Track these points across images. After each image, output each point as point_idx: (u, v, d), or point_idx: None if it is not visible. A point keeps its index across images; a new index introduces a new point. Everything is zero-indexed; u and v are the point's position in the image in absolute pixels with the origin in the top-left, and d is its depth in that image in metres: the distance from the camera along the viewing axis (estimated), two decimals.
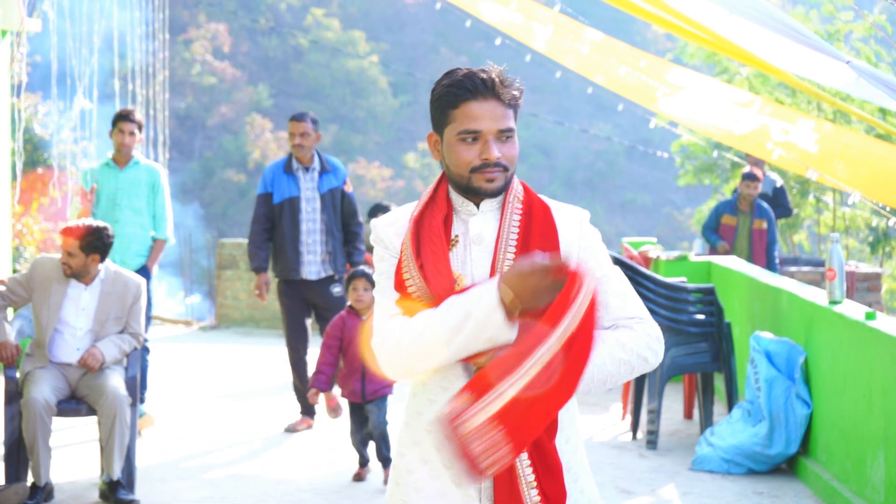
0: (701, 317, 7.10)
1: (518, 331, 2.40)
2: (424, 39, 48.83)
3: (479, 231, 2.54)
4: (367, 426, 6.13)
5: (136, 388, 6.00)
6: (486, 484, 2.47)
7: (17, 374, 5.85)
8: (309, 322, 7.68)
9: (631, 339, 2.51)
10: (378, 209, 8.68)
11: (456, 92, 2.50)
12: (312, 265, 7.46)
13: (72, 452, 6.85)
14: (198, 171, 41.53)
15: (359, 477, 6.32)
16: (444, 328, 2.41)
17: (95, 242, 5.90)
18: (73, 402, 5.89)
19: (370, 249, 8.68)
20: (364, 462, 6.34)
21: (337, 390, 6.28)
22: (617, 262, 7.34)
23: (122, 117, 7.44)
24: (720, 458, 6.52)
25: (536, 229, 2.54)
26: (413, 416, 2.57)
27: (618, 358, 2.49)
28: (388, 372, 2.50)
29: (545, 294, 2.37)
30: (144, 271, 7.39)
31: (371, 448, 6.32)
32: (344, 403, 6.52)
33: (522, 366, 2.32)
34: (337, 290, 7.50)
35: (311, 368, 7.57)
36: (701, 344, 7.08)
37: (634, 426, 7.39)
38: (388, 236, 2.56)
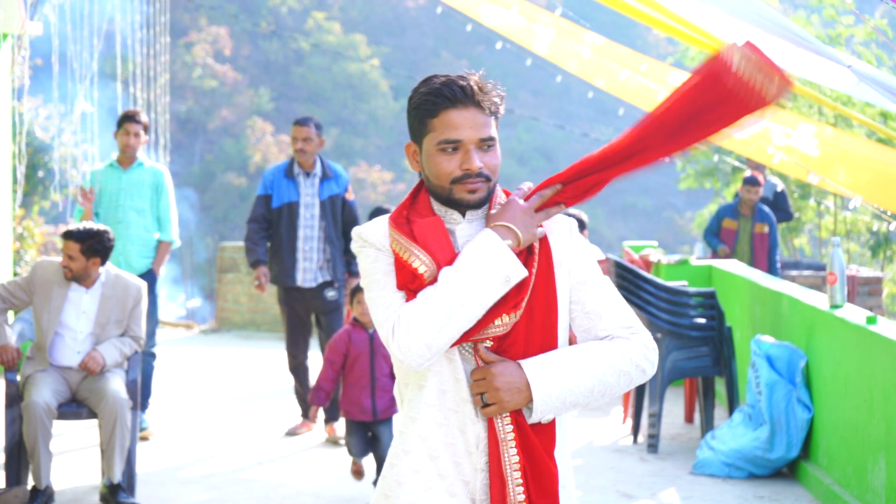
0: (702, 320, 7.10)
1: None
2: (425, 43, 48.82)
3: (468, 240, 2.50)
4: (378, 448, 5.72)
5: (137, 391, 5.99)
6: (482, 497, 2.46)
7: (18, 378, 5.85)
8: (310, 328, 7.66)
9: (629, 350, 2.50)
10: (379, 213, 8.64)
11: (434, 100, 2.44)
12: (308, 272, 7.37)
13: (72, 456, 6.85)
14: (198, 175, 41.52)
15: (357, 472, 5.86)
16: (454, 290, 2.38)
17: (96, 246, 5.89)
18: (74, 406, 5.88)
19: None
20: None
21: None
22: (618, 265, 7.33)
23: (128, 118, 7.40)
24: (721, 462, 6.52)
25: None
26: (408, 422, 2.49)
27: (617, 369, 2.48)
28: (407, 357, 2.40)
29: (537, 217, 2.47)
30: (150, 275, 7.35)
31: (369, 459, 6.01)
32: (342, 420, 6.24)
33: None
34: (331, 293, 7.44)
35: (311, 372, 7.58)
36: (702, 348, 7.08)
37: (635, 430, 7.38)
38: (378, 239, 2.50)
